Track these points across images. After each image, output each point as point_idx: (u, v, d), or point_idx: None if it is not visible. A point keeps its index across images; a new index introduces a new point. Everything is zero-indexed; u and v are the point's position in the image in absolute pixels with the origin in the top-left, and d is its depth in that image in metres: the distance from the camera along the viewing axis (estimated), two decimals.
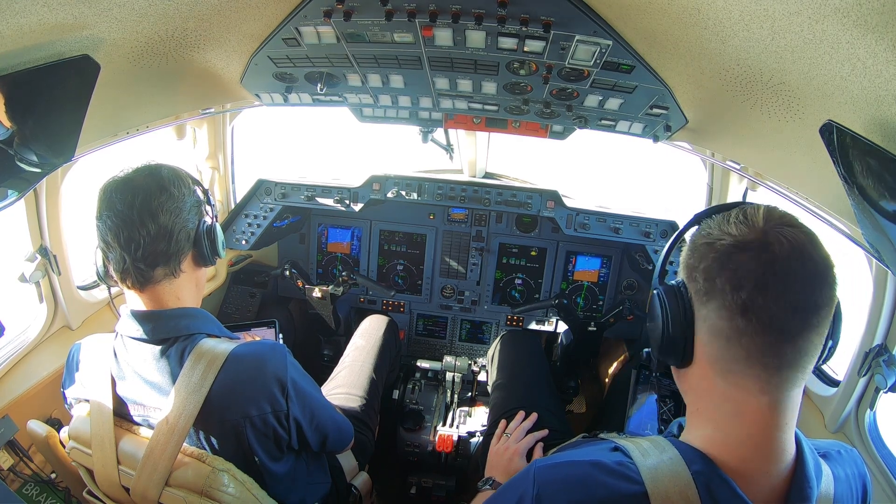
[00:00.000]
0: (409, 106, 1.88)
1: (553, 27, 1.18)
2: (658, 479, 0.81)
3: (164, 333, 1.24)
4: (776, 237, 0.77)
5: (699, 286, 0.83)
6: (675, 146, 2.03)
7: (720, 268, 0.80)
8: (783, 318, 0.76)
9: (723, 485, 0.80)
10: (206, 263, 1.35)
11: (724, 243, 0.80)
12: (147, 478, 1.16)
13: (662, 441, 0.89)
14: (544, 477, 0.86)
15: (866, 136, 0.89)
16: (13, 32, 0.91)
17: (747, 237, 0.79)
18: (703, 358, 0.85)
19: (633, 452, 0.86)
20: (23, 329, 1.85)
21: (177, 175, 1.28)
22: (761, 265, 0.76)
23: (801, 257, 0.76)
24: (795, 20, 0.83)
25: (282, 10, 1.28)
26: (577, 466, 0.86)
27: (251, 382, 1.22)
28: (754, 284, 0.76)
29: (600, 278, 2.92)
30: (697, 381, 0.88)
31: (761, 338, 0.77)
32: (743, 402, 0.82)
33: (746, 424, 0.82)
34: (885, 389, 1.42)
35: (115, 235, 1.18)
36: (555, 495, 0.83)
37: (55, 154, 1.20)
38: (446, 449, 2.29)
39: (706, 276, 0.82)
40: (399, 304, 3.09)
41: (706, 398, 0.87)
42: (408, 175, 2.70)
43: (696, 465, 0.82)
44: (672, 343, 0.88)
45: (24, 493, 1.65)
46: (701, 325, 0.84)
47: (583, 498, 0.82)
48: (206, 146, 2.62)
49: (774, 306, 0.75)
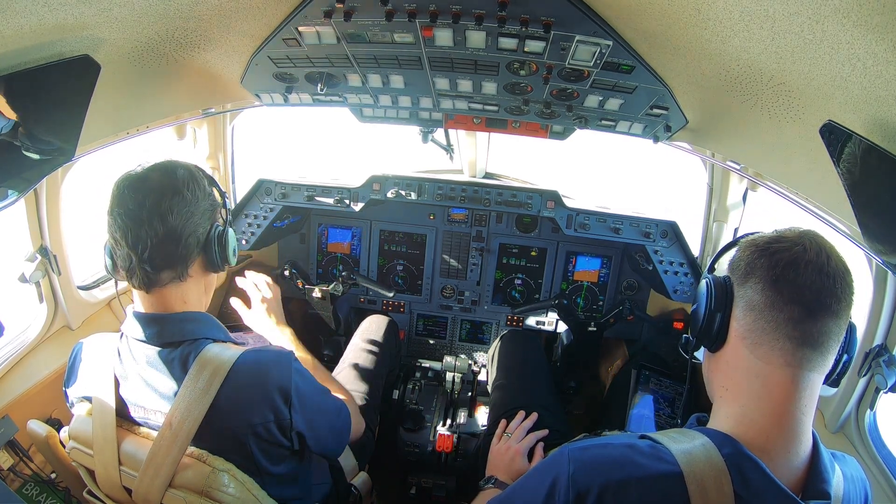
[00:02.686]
0: (409, 106, 1.88)
1: (553, 27, 1.18)
2: (692, 462, 0.86)
3: (169, 337, 1.23)
4: (808, 239, 0.92)
5: (741, 272, 0.97)
6: (675, 146, 2.03)
7: (760, 253, 0.94)
8: (808, 295, 0.88)
9: (753, 467, 0.85)
10: (215, 269, 1.32)
11: (765, 239, 0.96)
12: (149, 481, 1.16)
13: (689, 430, 0.96)
14: (580, 458, 0.91)
15: (866, 136, 0.89)
16: (13, 32, 0.91)
17: (784, 235, 0.95)
18: (736, 334, 0.96)
19: (662, 439, 0.92)
20: (23, 329, 1.85)
21: (192, 176, 1.24)
22: (794, 253, 0.90)
23: (828, 256, 0.90)
24: (795, 20, 0.83)
25: (282, 10, 1.28)
26: (611, 448, 0.93)
27: (255, 391, 1.21)
28: (787, 263, 0.90)
29: (600, 278, 2.92)
30: (728, 358, 0.98)
31: (788, 309, 0.88)
32: (768, 375, 0.91)
33: (771, 400, 0.90)
34: (885, 389, 1.42)
35: (124, 234, 1.16)
36: (591, 474, 0.88)
37: (55, 154, 1.20)
38: (446, 449, 2.29)
39: (748, 262, 0.96)
40: (399, 304, 3.09)
41: (736, 374, 0.96)
42: (408, 175, 2.70)
43: (727, 448, 0.88)
44: (712, 323, 0.99)
45: (24, 493, 1.65)
46: (738, 304, 0.96)
47: (620, 477, 0.86)
48: (206, 146, 2.62)
49: (802, 283, 0.88)
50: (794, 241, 0.92)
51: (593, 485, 0.86)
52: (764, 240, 0.96)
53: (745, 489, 0.83)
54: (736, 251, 1.02)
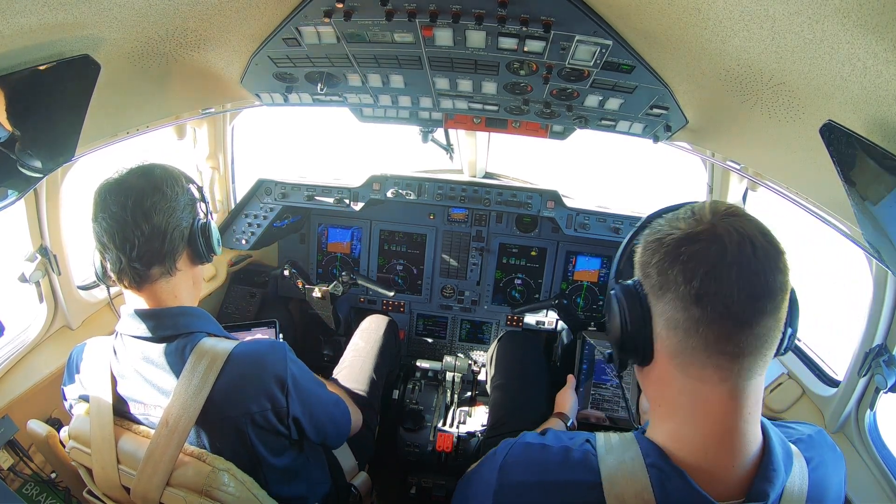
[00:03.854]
0: (409, 106, 1.88)
1: (553, 27, 1.18)
2: (616, 474, 0.85)
3: (165, 331, 1.25)
4: (725, 228, 0.79)
5: (653, 282, 0.84)
6: (675, 146, 2.03)
7: (672, 260, 0.81)
8: (738, 305, 0.77)
9: (676, 476, 0.82)
10: (201, 261, 1.36)
11: (674, 237, 0.82)
12: (147, 479, 1.16)
13: (630, 437, 0.92)
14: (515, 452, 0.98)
15: (866, 136, 0.89)
16: (13, 32, 0.91)
17: (696, 229, 0.81)
18: (663, 353, 0.86)
19: (601, 448, 0.91)
20: (23, 329, 1.85)
21: (170, 174, 1.28)
22: (712, 254, 0.78)
23: (752, 245, 0.78)
24: (796, 20, 0.83)
25: (282, 10, 1.28)
26: (547, 450, 0.94)
27: (252, 380, 1.23)
28: (706, 273, 0.77)
29: (600, 278, 2.92)
30: (658, 377, 0.89)
31: (718, 325, 0.78)
32: (703, 394, 0.82)
33: (707, 418, 0.83)
34: (885, 389, 1.42)
35: (111, 237, 1.20)
36: (516, 469, 0.95)
37: (55, 154, 1.20)
38: (446, 449, 2.29)
39: (659, 270, 0.83)
40: (399, 304, 3.09)
41: (667, 394, 0.88)
42: (408, 175, 2.70)
43: (651, 457, 0.85)
44: (631, 340, 0.89)
45: (24, 493, 1.65)
46: (658, 320, 0.85)
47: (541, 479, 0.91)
48: (206, 146, 2.62)
49: (728, 293, 0.77)
50: (710, 237, 0.79)
51: (517, 479, 0.93)
52: (672, 239, 0.82)
53: (666, 501, 0.81)
54: (640, 249, 0.89)
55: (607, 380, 2.11)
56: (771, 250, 0.79)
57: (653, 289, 0.85)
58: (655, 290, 0.84)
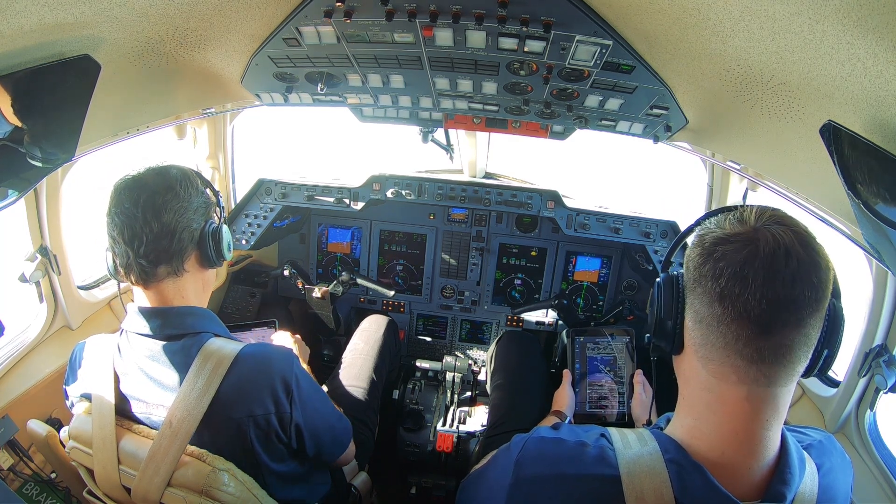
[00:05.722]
0: (409, 106, 1.88)
1: (553, 27, 1.18)
2: (634, 468, 0.86)
3: (171, 330, 1.25)
4: (764, 233, 0.79)
5: (690, 275, 0.88)
6: (675, 146, 2.03)
7: (706, 257, 0.84)
8: (758, 311, 0.78)
9: (695, 471, 0.84)
10: (210, 265, 1.35)
11: (715, 235, 0.84)
12: (149, 480, 1.16)
13: (647, 434, 0.93)
14: (530, 447, 0.98)
15: (866, 136, 0.89)
16: (13, 32, 0.92)
17: (736, 230, 0.82)
18: (690, 345, 0.90)
19: (617, 443, 0.92)
20: (23, 329, 1.85)
21: (185, 175, 1.29)
22: (742, 257, 0.79)
23: (787, 254, 0.77)
24: (796, 20, 0.83)
25: (282, 9, 1.28)
26: (563, 444, 0.95)
27: (257, 381, 1.23)
28: (732, 273, 0.79)
29: (600, 278, 2.92)
30: (686, 368, 0.93)
31: (737, 326, 0.80)
32: (721, 392, 0.85)
33: (725, 415, 0.85)
34: (885, 390, 1.42)
35: (121, 231, 1.21)
36: (533, 464, 0.94)
37: (55, 154, 1.20)
38: (446, 449, 2.29)
39: (696, 265, 0.86)
40: (399, 304, 3.09)
41: (691, 386, 0.91)
42: (408, 175, 2.70)
43: (670, 453, 0.86)
44: (663, 327, 0.93)
45: (24, 493, 1.65)
46: (689, 312, 0.89)
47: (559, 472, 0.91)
48: (206, 146, 2.62)
49: (751, 298, 0.78)
50: (745, 240, 0.79)
51: (533, 473, 0.93)
52: (712, 238, 0.84)
53: (684, 496, 0.82)
54: (689, 245, 0.92)
55: (601, 377, 2.11)
56: (808, 263, 0.78)
57: (689, 282, 0.89)
58: (691, 283, 0.88)
